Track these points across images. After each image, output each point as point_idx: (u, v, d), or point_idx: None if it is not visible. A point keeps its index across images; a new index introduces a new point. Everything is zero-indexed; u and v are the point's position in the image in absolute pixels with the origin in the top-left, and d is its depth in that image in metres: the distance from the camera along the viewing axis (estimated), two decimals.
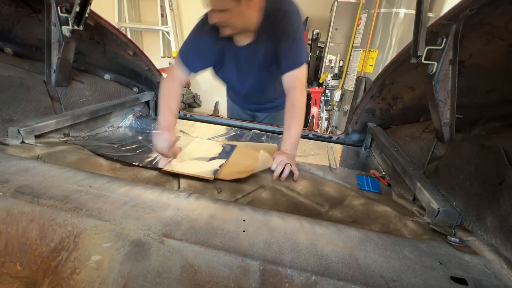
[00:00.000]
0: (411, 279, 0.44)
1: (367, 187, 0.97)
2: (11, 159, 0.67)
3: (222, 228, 0.51)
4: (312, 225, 0.56)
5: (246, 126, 1.51)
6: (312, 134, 1.46)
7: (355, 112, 1.34)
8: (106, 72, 1.42)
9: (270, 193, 0.86)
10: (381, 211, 0.78)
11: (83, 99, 1.20)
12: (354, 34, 2.96)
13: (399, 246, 0.52)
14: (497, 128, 0.71)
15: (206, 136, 1.34)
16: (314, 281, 0.43)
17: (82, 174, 0.65)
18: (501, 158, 0.58)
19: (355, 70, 2.92)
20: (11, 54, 1.09)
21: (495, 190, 0.58)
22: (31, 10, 1.07)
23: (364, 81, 2.64)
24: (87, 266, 0.45)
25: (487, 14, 0.62)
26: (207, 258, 0.45)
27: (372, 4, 2.62)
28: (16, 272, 0.47)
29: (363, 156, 1.30)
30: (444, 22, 0.67)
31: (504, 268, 0.49)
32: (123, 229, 0.48)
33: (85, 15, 0.95)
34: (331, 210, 0.80)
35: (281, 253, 0.46)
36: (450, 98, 0.72)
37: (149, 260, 0.45)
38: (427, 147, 0.88)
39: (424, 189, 0.72)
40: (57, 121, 0.99)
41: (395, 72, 1.05)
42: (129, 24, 4.79)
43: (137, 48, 1.30)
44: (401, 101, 1.16)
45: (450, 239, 0.57)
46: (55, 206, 0.51)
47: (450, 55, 0.68)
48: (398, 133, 1.14)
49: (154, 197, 0.59)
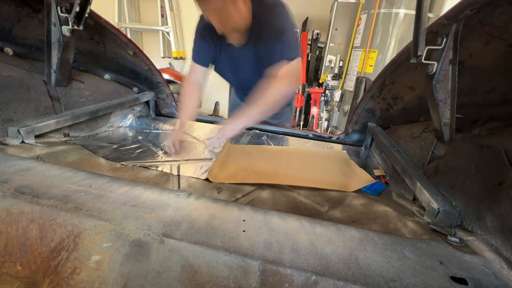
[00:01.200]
0: (411, 279, 0.44)
1: (368, 189, 0.97)
2: (11, 159, 0.67)
3: (222, 228, 0.51)
4: (312, 225, 0.56)
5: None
6: (312, 134, 1.46)
7: (355, 112, 1.34)
8: (106, 72, 1.42)
9: (270, 193, 0.86)
10: (381, 211, 0.78)
11: (83, 99, 1.20)
12: (354, 35, 2.96)
13: (399, 246, 0.52)
14: (497, 128, 0.71)
15: (206, 136, 1.34)
16: (314, 281, 0.43)
17: (82, 174, 0.65)
18: (501, 158, 0.58)
19: (355, 70, 2.92)
20: (11, 54, 1.09)
21: (495, 190, 0.58)
22: (31, 10, 1.06)
23: (364, 81, 2.64)
24: (87, 266, 0.44)
25: (487, 14, 0.62)
26: (207, 258, 0.45)
27: (372, 4, 2.62)
28: (16, 272, 0.47)
29: (363, 156, 1.30)
30: (444, 22, 0.67)
31: (504, 268, 0.48)
32: (123, 229, 0.48)
33: (85, 15, 0.95)
34: (331, 210, 0.80)
35: (281, 253, 0.46)
36: (450, 98, 0.72)
37: (149, 260, 0.45)
38: (427, 147, 0.88)
39: (424, 189, 0.72)
40: (57, 121, 0.99)
41: (395, 72, 1.05)
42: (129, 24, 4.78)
43: (137, 48, 1.30)
44: (401, 101, 1.16)
45: (450, 239, 0.57)
46: (55, 206, 0.51)
47: (450, 55, 0.68)
48: (398, 133, 1.14)
49: (154, 197, 0.59)
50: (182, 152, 1.10)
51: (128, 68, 1.44)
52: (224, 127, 1.00)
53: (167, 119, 1.55)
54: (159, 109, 1.63)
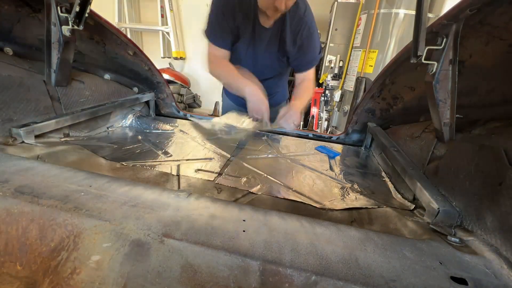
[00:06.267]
0: (411, 279, 0.44)
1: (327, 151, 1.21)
2: (11, 159, 0.67)
3: (222, 228, 0.51)
4: (312, 225, 0.56)
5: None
6: (312, 134, 1.46)
7: (355, 112, 1.34)
8: (106, 72, 1.42)
9: (271, 193, 0.86)
10: (381, 211, 0.78)
11: (83, 99, 1.20)
12: (354, 35, 2.96)
13: (399, 246, 0.52)
14: (497, 128, 0.71)
15: (206, 136, 1.34)
16: (314, 281, 0.43)
17: (82, 174, 0.65)
18: (501, 158, 0.58)
19: (355, 70, 2.92)
20: (11, 54, 1.09)
21: (495, 190, 0.58)
22: (31, 10, 1.06)
23: (364, 81, 2.64)
24: (87, 266, 0.44)
25: (487, 14, 0.62)
26: (207, 258, 0.45)
27: (372, 4, 2.62)
28: (16, 272, 0.47)
29: (363, 156, 1.30)
30: (444, 22, 0.67)
31: (504, 268, 0.48)
32: (123, 229, 0.48)
33: (85, 15, 0.95)
34: (331, 210, 0.80)
35: (281, 253, 0.46)
36: (450, 98, 0.72)
37: (149, 260, 0.45)
38: (427, 147, 0.88)
39: (424, 189, 0.72)
40: (57, 121, 0.99)
41: (395, 72, 1.05)
42: (129, 24, 4.79)
43: (137, 48, 1.30)
44: (401, 101, 1.16)
45: (450, 239, 0.57)
46: (55, 206, 0.51)
47: (450, 55, 0.68)
48: (398, 133, 1.14)
49: (154, 197, 0.59)
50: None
51: (128, 68, 1.44)
52: (292, 113, 1.10)
53: (167, 119, 1.55)
54: (159, 109, 1.63)
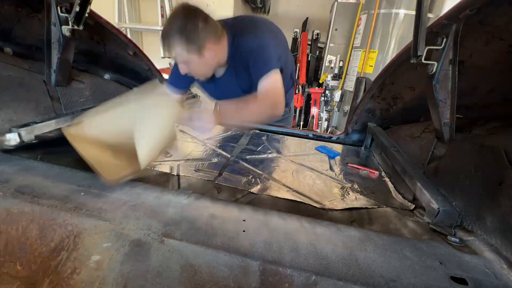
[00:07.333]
0: (411, 279, 0.44)
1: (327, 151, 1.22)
2: (11, 159, 0.67)
3: (222, 228, 0.51)
4: (312, 225, 0.56)
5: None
6: (312, 134, 1.45)
7: (355, 112, 1.34)
8: (106, 72, 1.42)
9: (270, 193, 0.86)
10: (381, 211, 0.78)
11: (83, 99, 1.20)
12: (354, 35, 2.96)
13: (399, 246, 0.52)
14: (497, 128, 0.71)
15: (206, 136, 1.34)
16: (314, 281, 0.43)
17: (82, 174, 0.65)
18: (501, 158, 0.58)
19: (355, 70, 2.92)
20: (11, 54, 1.09)
21: (495, 190, 0.58)
22: (31, 10, 1.06)
23: (364, 81, 2.64)
24: (87, 266, 0.44)
25: (487, 14, 0.62)
26: (207, 258, 0.45)
27: (372, 4, 2.62)
28: (16, 272, 0.47)
29: (363, 156, 1.30)
30: (444, 22, 0.67)
31: (504, 268, 0.48)
32: (123, 229, 0.48)
33: (85, 15, 0.95)
34: (331, 210, 0.80)
35: (281, 253, 0.46)
36: (450, 98, 0.72)
37: (149, 260, 0.45)
38: (427, 147, 0.88)
39: (424, 189, 0.72)
40: (57, 121, 0.99)
41: (395, 72, 1.05)
42: (129, 24, 4.78)
43: (137, 48, 1.30)
44: (401, 101, 1.16)
45: (450, 239, 0.57)
46: (55, 206, 0.51)
47: (450, 55, 0.68)
48: (398, 133, 1.14)
49: (154, 197, 0.59)
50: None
51: (128, 68, 1.43)
52: (203, 123, 0.88)
53: None
54: None
